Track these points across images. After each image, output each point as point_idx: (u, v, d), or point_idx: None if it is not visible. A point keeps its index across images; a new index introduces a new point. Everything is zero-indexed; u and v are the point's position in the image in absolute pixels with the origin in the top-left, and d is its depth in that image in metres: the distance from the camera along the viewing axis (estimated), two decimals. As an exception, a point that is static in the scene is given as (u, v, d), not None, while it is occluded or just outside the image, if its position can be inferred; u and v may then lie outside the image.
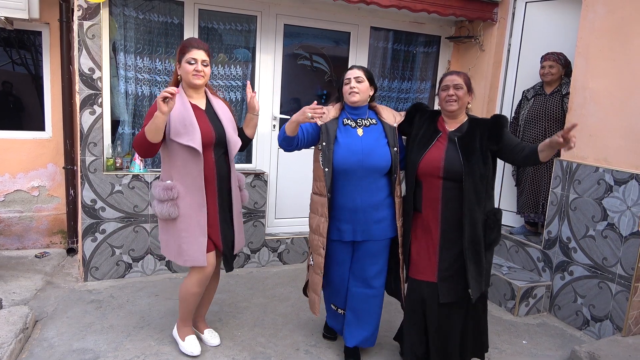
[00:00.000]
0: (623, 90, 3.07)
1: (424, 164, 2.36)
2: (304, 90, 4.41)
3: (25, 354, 2.57)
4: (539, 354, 2.96)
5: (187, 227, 2.44)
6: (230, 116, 2.60)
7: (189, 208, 2.43)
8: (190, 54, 2.41)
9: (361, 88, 2.42)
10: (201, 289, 2.56)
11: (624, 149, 3.06)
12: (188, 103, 2.44)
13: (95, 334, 2.83)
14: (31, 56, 4.13)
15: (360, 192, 2.41)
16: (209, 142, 2.44)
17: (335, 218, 2.46)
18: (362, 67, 2.49)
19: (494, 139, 2.33)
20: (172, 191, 2.41)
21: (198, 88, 2.51)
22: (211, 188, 2.49)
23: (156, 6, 3.66)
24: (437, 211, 2.36)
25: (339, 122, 2.47)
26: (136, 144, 2.36)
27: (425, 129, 2.45)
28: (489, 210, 2.38)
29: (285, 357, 2.72)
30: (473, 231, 2.30)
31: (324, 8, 4.02)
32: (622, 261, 3.02)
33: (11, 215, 4.04)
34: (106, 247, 3.57)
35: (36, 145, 4.05)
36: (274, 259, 4.14)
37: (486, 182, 2.34)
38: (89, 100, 3.40)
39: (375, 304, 2.56)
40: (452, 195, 2.32)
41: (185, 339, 2.67)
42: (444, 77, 2.44)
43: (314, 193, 2.54)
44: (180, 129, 2.36)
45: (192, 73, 2.42)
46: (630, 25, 3.02)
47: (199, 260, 2.46)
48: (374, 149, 2.41)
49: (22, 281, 3.46)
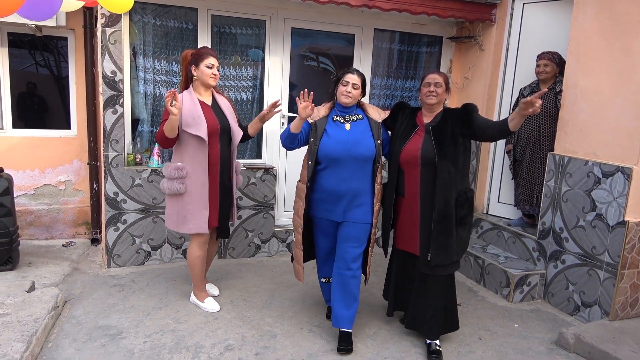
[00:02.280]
0: (611, 88, 3.23)
1: (405, 155, 2.74)
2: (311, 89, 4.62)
3: (57, 329, 2.87)
4: (529, 336, 3.14)
5: (192, 201, 2.96)
6: (232, 111, 3.12)
7: (194, 186, 2.95)
8: (208, 60, 2.95)
9: (354, 94, 2.75)
10: (203, 251, 3.11)
11: (610, 143, 3.22)
12: (197, 100, 2.96)
13: (118, 313, 3.11)
14: (54, 59, 4.45)
15: (345, 178, 2.72)
16: (214, 132, 2.95)
17: (324, 200, 2.78)
18: (361, 74, 2.79)
19: (466, 124, 2.67)
20: (182, 171, 2.93)
21: (210, 88, 3.04)
22: (214, 170, 3.01)
23: (172, 13, 3.94)
24: (416, 194, 2.73)
25: (329, 119, 2.80)
26: (158, 139, 2.94)
27: (406, 124, 2.82)
28: (461, 189, 2.69)
29: (290, 335, 2.97)
30: (445, 208, 2.63)
31: (329, 12, 4.25)
32: (609, 249, 3.19)
33: (40, 208, 4.37)
34: (127, 236, 3.87)
35: (63, 143, 4.37)
36: (283, 249, 4.39)
37: (458, 163, 2.66)
38: (111, 101, 3.70)
39: (355, 285, 2.81)
40: (429, 179, 2.68)
41: (205, 300, 3.23)
42: (426, 74, 2.79)
43: (299, 181, 2.90)
44: (190, 122, 2.88)
45: (210, 75, 2.96)
46: (618, 26, 3.18)
47: (202, 228, 3.01)
48: (359, 140, 2.73)
49: (52, 267, 3.77)
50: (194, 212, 2.97)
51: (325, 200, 2.78)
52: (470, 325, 3.24)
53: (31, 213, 4.34)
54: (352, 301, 2.82)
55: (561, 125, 3.58)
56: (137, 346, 2.74)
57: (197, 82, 3.00)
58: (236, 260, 4.19)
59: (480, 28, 4.44)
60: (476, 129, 2.65)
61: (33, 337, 2.55)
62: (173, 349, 2.74)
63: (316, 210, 2.84)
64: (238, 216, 4.14)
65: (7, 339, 2.49)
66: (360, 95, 2.80)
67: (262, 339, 2.90)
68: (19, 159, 4.24)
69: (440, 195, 2.63)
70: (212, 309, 3.19)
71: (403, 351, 2.85)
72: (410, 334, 3.03)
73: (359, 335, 2.97)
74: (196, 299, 3.25)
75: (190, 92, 2.97)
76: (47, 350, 2.65)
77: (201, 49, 3.03)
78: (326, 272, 3.04)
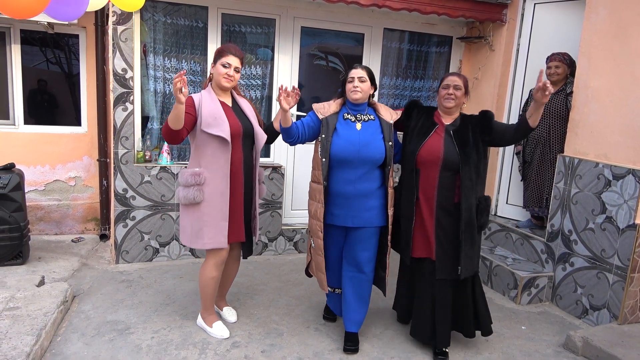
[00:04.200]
0: (622, 89, 3.20)
1: (424, 152, 2.61)
2: (320, 88, 4.65)
3: (66, 323, 2.90)
4: (536, 339, 3.12)
5: (210, 212, 2.63)
6: (254, 113, 2.83)
7: (212, 194, 2.63)
8: (226, 58, 2.65)
9: (363, 87, 2.63)
10: (218, 272, 2.76)
11: (622, 145, 3.20)
12: (217, 99, 2.68)
13: (126, 308, 3.14)
14: (65, 56, 4.49)
15: (355, 180, 2.62)
16: (237, 134, 2.66)
17: (330, 203, 2.67)
18: (365, 67, 2.69)
19: (486, 131, 2.62)
20: (199, 177, 2.61)
21: (225, 89, 2.74)
22: (238, 178, 2.70)
23: (183, 11, 3.96)
24: (432, 198, 2.61)
25: (340, 116, 2.70)
26: (163, 132, 2.58)
27: (424, 121, 2.70)
28: (481, 196, 2.64)
29: (297, 333, 2.97)
30: (468, 215, 2.56)
31: (338, 11, 4.25)
32: (619, 252, 3.16)
33: (50, 203, 4.42)
34: (136, 232, 3.89)
35: (73, 139, 4.41)
36: (290, 247, 4.40)
37: (478, 170, 2.60)
38: (121, 98, 3.72)
39: (367, 288, 2.79)
40: (447, 184, 2.58)
41: (213, 325, 2.89)
42: (446, 76, 2.70)
43: (312, 181, 2.76)
44: (210, 121, 2.59)
45: (223, 75, 2.65)
46: (630, 27, 3.15)
47: (220, 242, 2.67)
48: (370, 142, 2.62)
49: (61, 262, 3.81)
50: (211, 224, 2.64)
51: (333, 204, 2.67)
52: (477, 326, 3.23)
53: (41, 208, 4.39)
54: (364, 305, 2.80)
55: (572, 127, 3.55)
56: (144, 341, 2.76)
57: (213, 81, 2.73)
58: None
59: (490, 28, 4.42)
60: (495, 135, 2.61)
61: (42, 331, 2.58)
62: (180, 345, 2.75)
63: (327, 217, 2.70)
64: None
65: (17, 332, 2.52)
66: (370, 89, 2.68)
67: (268, 337, 2.91)
68: (30, 155, 4.29)
69: (465, 203, 2.54)
70: (220, 336, 2.84)
71: (409, 351, 2.85)
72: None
73: (365, 334, 2.97)
74: (204, 322, 2.92)
75: (209, 91, 2.70)
76: (56, 344, 2.68)
77: (224, 45, 2.76)
78: (334, 282, 2.89)
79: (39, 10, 2.20)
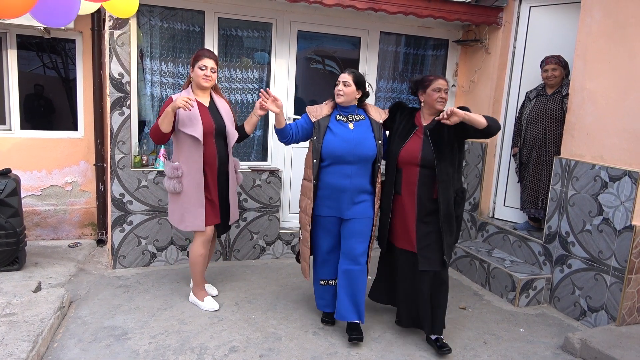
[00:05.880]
0: (618, 91, 3.21)
1: (404, 154, 2.82)
2: (317, 92, 4.65)
3: (63, 329, 2.88)
4: (534, 341, 3.12)
5: (188, 200, 3.04)
6: (229, 113, 3.17)
7: (189, 185, 3.02)
8: (202, 61, 3.00)
9: (346, 91, 2.80)
10: (205, 250, 3.16)
11: (618, 147, 3.21)
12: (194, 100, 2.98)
13: (124, 313, 3.12)
14: (62, 61, 4.48)
15: (349, 174, 2.80)
16: (209, 132, 3.01)
17: (326, 197, 2.86)
18: (353, 72, 2.84)
19: (459, 127, 2.71)
20: (177, 170, 3.02)
21: (205, 89, 3.10)
22: (212, 170, 3.07)
23: (179, 15, 3.96)
24: (413, 193, 2.82)
25: (332, 118, 2.88)
26: (152, 133, 3.01)
27: (405, 123, 2.89)
28: (457, 189, 2.83)
29: (295, 337, 2.96)
30: (446, 208, 2.76)
31: (335, 15, 4.26)
32: (616, 254, 3.17)
33: (47, 209, 4.40)
34: (133, 237, 3.88)
35: (69, 144, 4.40)
36: (288, 251, 4.39)
37: (455, 164, 2.79)
38: (118, 103, 3.72)
39: (363, 280, 2.90)
40: (426, 180, 2.79)
41: (204, 299, 3.25)
42: (434, 79, 2.82)
43: (304, 179, 2.97)
44: (186, 121, 2.96)
45: (202, 77, 3.01)
46: (625, 29, 3.17)
47: (199, 225, 3.07)
48: (363, 140, 2.81)
49: (58, 268, 3.79)
50: (190, 210, 3.05)
51: (329, 196, 2.84)
52: (476, 329, 3.22)
53: (38, 214, 4.37)
54: (362, 295, 2.89)
55: (568, 129, 3.57)
56: (142, 347, 2.75)
57: (193, 83, 3.09)
58: (241, 262, 4.20)
59: (486, 31, 4.43)
60: (469, 129, 2.71)
61: (39, 337, 2.57)
62: (178, 350, 2.74)
63: (320, 209, 2.89)
64: (243, 218, 4.15)
65: (14, 339, 2.50)
66: (354, 93, 2.83)
67: (266, 341, 2.90)
68: (26, 160, 4.27)
69: (443, 197, 2.74)
70: (210, 308, 3.21)
71: (408, 354, 2.84)
72: (415, 336, 3.02)
73: (364, 338, 2.96)
74: (195, 297, 3.28)
75: (188, 92, 3.06)
76: (53, 350, 2.66)
77: (199, 51, 3.09)
78: (325, 274, 3.04)
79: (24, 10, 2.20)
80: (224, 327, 3.03)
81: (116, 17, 3.59)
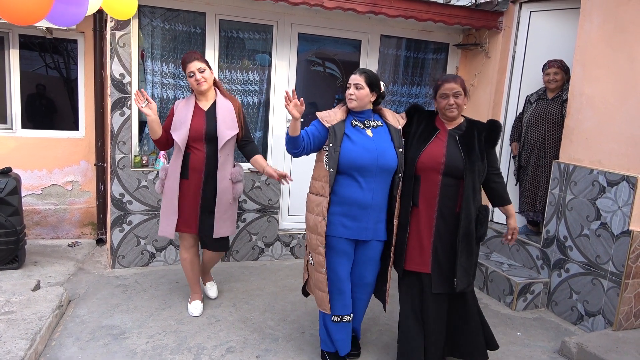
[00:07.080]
0: (616, 96, 3.23)
1: (425, 158, 2.44)
2: (317, 94, 4.67)
3: (61, 328, 2.89)
4: (531, 344, 3.13)
5: (165, 204, 3.03)
6: (229, 116, 3.00)
7: (168, 189, 3.00)
8: (187, 68, 2.92)
9: (358, 95, 2.46)
10: (189, 255, 3.13)
11: (616, 152, 3.22)
12: (192, 105, 2.98)
13: (122, 313, 3.13)
14: (64, 61, 4.51)
15: (372, 189, 2.45)
16: (198, 136, 2.93)
17: (342, 214, 2.45)
18: (365, 72, 2.51)
19: (490, 142, 2.51)
20: (163, 172, 3.05)
21: (203, 93, 3.00)
22: (197, 177, 2.97)
23: (181, 17, 3.98)
24: (433, 207, 2.45)
25: (347, 123, 2.51)
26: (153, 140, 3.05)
27: (425, 126, 2.54)
28: (480, 206, 2.50)
29: (292, 339, 2.97)
30: (467, 225, 2.42)
31: (336, 18, 4.28)
32: (613, 259, 3.18)
33: (47, 208, 4.42)
34: (132, 237, 3.89)
35: (70, 144, 4.42)
36: (286, 252, 4.40)
37: (481, 178, 2.50)
38: (119, 103, 3.74)
39: (367, 302, 2.75)
40: (449, 192, 2.43)
41: (191, 302, 3.24)
42: (441, 84, 2.48)
43: (311, 193, 2.57)
44: (177, 126, 2.95)
45: (194, 83, 2.94)
46: (624, 34, 3.18)
47: (168, 232, 3.02)
48: (385, 150, 2.47)
49: (57, 267, 3.81)
50: (165, 214, 3.03)
51: (346, 214, 2.45)
52: (473, 332, 3.23)
53: (38, 213, 4.39)
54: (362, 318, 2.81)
55: (566, 133, 3.58)
56: (139, 346, 2.76)
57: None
58: (239, 263, 4.21)
59: (486, 35, 4.45)
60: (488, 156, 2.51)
61: (37, 335, 2.58)
62: (175, 349, 2.75)
63: (335, 228, 2.46)
64: (242, 219, 4.16)
65: (12, 337, 2.52)
66: (368, 96, 2.49)
67: (263, 342, 2.91)
68: (27, 159, 4.29)
69: (465, 212, 2.41)
70: (190, 313, 3.18)
71: (404, 357, 2.85)
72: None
73: (361, 341, 2.96)
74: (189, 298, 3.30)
75: (191, 96, 3.04)
76: (51, 348, 2.67)
77: (183, 57, 2.97)
78: (340, 308, 2.54)
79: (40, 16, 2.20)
80: (222, 327, 3.04)
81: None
